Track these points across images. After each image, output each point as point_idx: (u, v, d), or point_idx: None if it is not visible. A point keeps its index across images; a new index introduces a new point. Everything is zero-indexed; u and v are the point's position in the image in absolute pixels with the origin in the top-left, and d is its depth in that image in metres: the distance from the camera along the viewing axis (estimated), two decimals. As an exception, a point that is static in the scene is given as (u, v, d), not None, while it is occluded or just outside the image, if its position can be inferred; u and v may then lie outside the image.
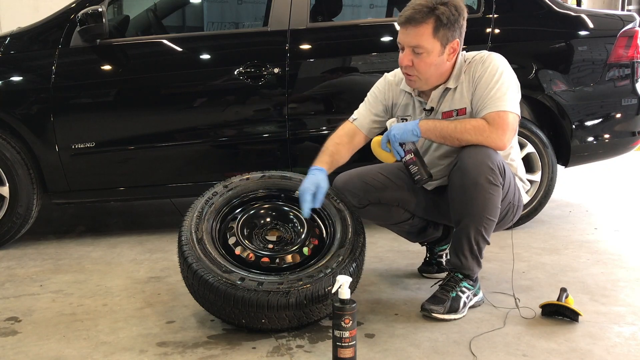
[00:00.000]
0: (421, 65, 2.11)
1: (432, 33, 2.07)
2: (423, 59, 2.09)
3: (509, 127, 2.05)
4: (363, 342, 1.92)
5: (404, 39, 2.11)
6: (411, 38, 2.08)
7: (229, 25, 6.44)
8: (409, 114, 2.30)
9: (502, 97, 2.06)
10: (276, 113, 3.14)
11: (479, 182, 2.01)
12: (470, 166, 2.02)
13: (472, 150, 2.04)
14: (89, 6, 2.97)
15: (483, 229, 2.08)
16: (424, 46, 2.07)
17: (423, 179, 2.12)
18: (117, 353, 1.89)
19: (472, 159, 2.02)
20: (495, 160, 2.03)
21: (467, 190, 2.03)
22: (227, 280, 1.90)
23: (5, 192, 2.99)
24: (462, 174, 2.04)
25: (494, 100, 2.06)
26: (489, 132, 2.03)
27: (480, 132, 2.04)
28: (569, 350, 1.87)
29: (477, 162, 2.01)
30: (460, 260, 2.13)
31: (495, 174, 2.02)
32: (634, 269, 2.63)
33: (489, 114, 2.06)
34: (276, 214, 2.21)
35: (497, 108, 2.05)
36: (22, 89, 3.05)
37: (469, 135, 2.04)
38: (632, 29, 3.31)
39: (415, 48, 2.08)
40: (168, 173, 3.19)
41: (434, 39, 2.07)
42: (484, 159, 2.01)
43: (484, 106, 2.08)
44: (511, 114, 2.06)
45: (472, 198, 2.03)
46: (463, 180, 2.04)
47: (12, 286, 2.52)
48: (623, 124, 3.39)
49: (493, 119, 2.04)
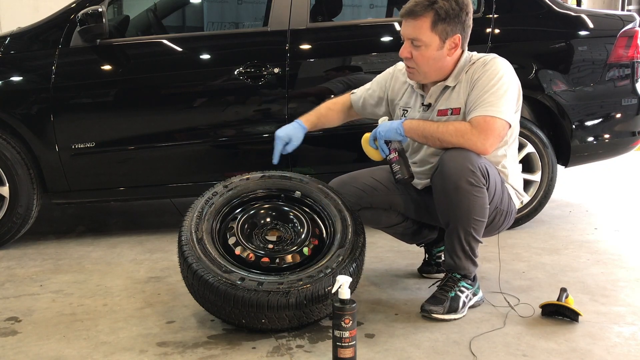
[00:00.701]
0: (419, 58, 2.12)
1: (430, 27, 2.08)
2: (421, 52, 2.11)
3: (493, 132, 2.03)
4: (363, 342, 1.92)
5: (404, 31, 2.14)
6: (410, 30, 2.11)
7: (229, 25, 6.44)
8: (410, 107, 2.30)
9: (495, 102, 2.04)
10: (276, 113, 3.14)
11: (460, 185, 2.00)
12: (450, 170, 2.01)
13: (452, 154, 2.03)
14: (89, 6, 2.97)
15: (472, 230, 2.07)
16: (422, 39, 2.09)
17: (404, 178, 2.12)
18: (117, 353, 1.89)
19: (452, 162, 2.01)
20: (476, 163, 2.01)
21: (450, 195, 2.03)
22: (227, 280, 1.90)
23: (5, 192, 2.99)
24: (442, 178, 2.04)
25: (485, 105, 2.04)
26: (470, 135, 2.02)
27: (461, 134, 2.02)
28: (569, 350, 1.87)
29: (457, 166, 2.00)
30: (455, 261, 2.14)
31: (476, 176, 2.01)
32: (634, 269, 2.63)
33: (476, 117, 2.04)
34: (276, 214, 2.21)
35: (486, 112, 2.03)
36: (22, 89, 3.05)
37: (450, 137, 2.04)
38: (632, 29, 3.31)
39: (413, 40, 2.10)
40: (168, 173, 3.19)
41: (432, 33, 2.08)
42: (464, 161, 2.00)
43: (474, 108, 2.07)
44: (499, 120, 2.03)
45: (456, 202, 2.03)
46: (444, 184, 2.03)
47: (12, 286, 2.52)
48: (623, 124, 3.39)
49: (478, 123, 2.03)
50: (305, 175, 2.32)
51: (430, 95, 2.21)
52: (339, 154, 3.24)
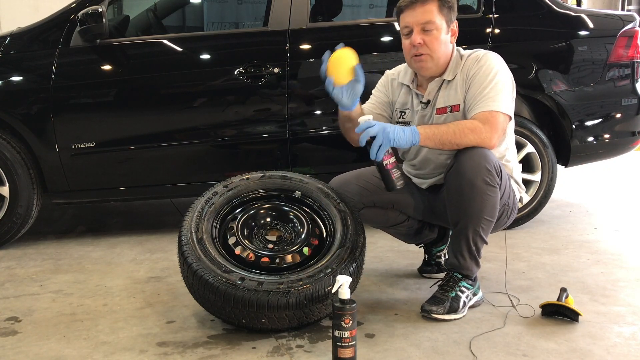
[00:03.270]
0: (433, 42, 2.13)
1: (438, 10, 2.12)
2: (434, 35, 2.12)
3: (499, 126, 2.06)
4: (363, 342, 1.92)
5: (412, 19, 2.13)
6: (421, 15, 2.12)
7: (229, 25, 6.44)
8: (407, 107, 2.30)
9: (495, 96, 2.07)
10: (276, 113, 3.14)
11: (476, 184, 2.01)
12: (467, 168, 2.01)
13: (468, 152, 2.03)
14: (89, 6, 2.97)
15: (481, 230, 2.08)
16: (434, 21, 2.11)
17: (405, 182, 2.07)
18: (117, 353, 1.89)
19: (470, 160, 2.02)
20: (492, 161, 2.03)
21: (464, 192, 2.03)
22: (227, 280, 1.90)
23: (5, 192, 2.99)
24: (458, 176, 2.03)
25: (486, 100, 2.06)
26: (481, 131, 2.03)
27: (474, 132, 2.03)
28: (569, 350, 1.87)
29: (474, 164, 2.01)
30: (459, 260, 2.13)
31: (492, 175, 2.02)
32: (634, 269, 2.63)
33: (481, 112, 2.06)
34: (276, 214, 2.20)
35: (489, 107, 2.05)
36: (22, 89, 3.05)
37: (466, 138, 2.02)
38: (632, 29, 3.31)
39: (425, 25, 2.11)
40: (168, 173, 3.19)
41: (440, 16, 2.13)
42: (481, 160, 2.01)
43: (475, 104, 2.08)
44: (502, 115, 2.07)
45: (470, 200, 2.03)
46: (460, 182, 2.03)
47: (12, 286, 2.53)
48: (623, 124, 3.39)
49: (486, 119, 2.05)
50: (305, 175, 2.32)
51: (429, 92, 2.21)
52: (339, 154, 3.24)
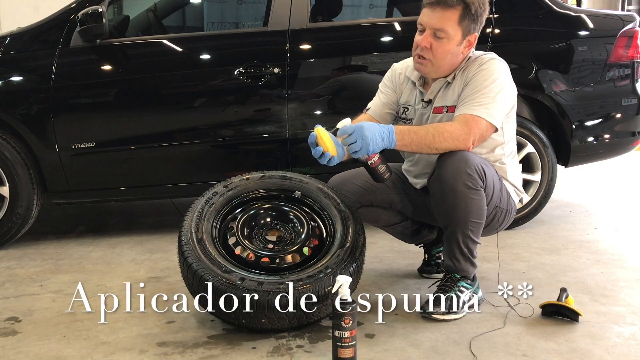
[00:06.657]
0: (439, 51, 2.08)
1: (458, 20, 2.05)
2: (442, 44, 2.07)
3: (477, 132, 2.02)
4: (363, 342, 1.92)
5: (428, 20, 2.08)
6: (437, 20, 2.06)
7: (229, 25, 6.43)
8: (410, 104, 2.29)
9: (485, 103, 2.03)
10: (276, 113, 3.14)
11: (458, 188, 1.99)
12: (448, 173, 2.00)
13: (449, 157, 2.01)
14: (89, 6, 2.97)
15: (470, 232, 2.07)
16: (448, 31, 2.05)
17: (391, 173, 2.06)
18: (117, 353, 1.89)
19: (449, 165, 2.00)
20: (473, 164, 2.00)
21: (447, 198, 2.02)
22: (227, 280, 1.90)
23: (5, 192, 2.99)
24: (440, 182, 2.03)
25: (474, 104, 2.03)
26: (462, 135, 1.99)
27: (455, 137, 1.98)
28: (569, 350, 1.87)
29: (454, 169, 1.99)
30: (454, 263, 2.14)
31: (473, 179, 2.00)
32: (634, 269, 2.63)
33: (463, 114, 2.03)
34: (276, 214, 2.20)
35: (473, 112, 2.02)
36: (22, 89, 3.05)
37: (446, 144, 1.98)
38: (632, 29, 3.31)
39: (437, 31, 2.06)
40: (168, 173, 3.19)
41: (458, 26, 2.06)
42: (461, 164, 1.99)
43: (463, 105, 2.06)
44: (484, 121, 2.02)
45: (454, 205, 2.02)
46: (442, 188, 2.03)
47: (12, 286, 2.52)
48: (623, 124, 3.39)
49: (467, 121, 2.01)
50: (305, 175, 2.32)
51: (432, 91, 2.20)
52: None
